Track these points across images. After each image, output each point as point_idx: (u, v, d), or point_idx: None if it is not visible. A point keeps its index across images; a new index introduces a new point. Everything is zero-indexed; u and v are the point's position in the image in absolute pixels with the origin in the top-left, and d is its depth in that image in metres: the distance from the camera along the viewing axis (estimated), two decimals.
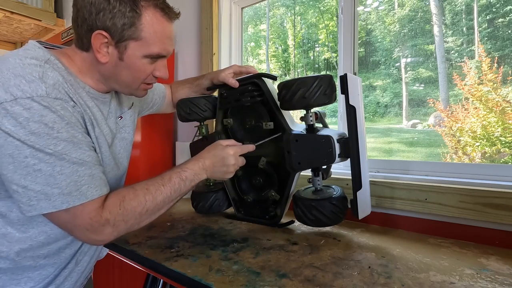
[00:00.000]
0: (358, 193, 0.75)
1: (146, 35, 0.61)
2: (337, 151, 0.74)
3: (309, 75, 0.75)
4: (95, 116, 0.65)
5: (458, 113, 2.67)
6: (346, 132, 0.76)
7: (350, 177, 0.76)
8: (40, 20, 2.05)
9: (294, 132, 0.80)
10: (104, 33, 0.59)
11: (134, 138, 0.84)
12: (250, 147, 0.79)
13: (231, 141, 0.78)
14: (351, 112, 0.74)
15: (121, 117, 0.76)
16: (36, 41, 0.61)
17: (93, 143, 0.62)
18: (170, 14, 0.64)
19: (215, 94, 0.98)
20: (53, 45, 0.66)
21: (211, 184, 1.04)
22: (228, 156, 0.73)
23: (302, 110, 0.79)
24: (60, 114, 0.54)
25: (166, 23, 0.64)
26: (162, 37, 0.63)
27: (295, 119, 0.89)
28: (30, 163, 0.52)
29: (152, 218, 0.65)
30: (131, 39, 0.60)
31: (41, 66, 0.55)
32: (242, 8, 1.46)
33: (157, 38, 0.62)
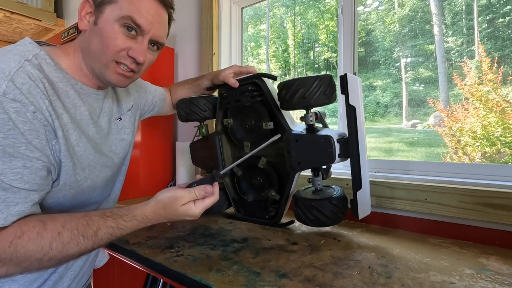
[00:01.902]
0: (358, 193, 0.75)
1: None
2: (337, 151, 0.74)
3: (309, 75, 0.75)
4: (79, 116, 0.62)
5: (458, 113, 2.66)
6: (346, 132, 0.76)
7: (350, 177, 0.76)
8: (40, 20, 2.06)
9: (294, 132, 0.80)
10: (89, 0, 0.60)
11: (134, 139, 0.83)
12: (215, 196, 0.66)
13: (194, 194, 0.63)
14: (351, 112, 0.74)
15: (120, 119, 0.76)
16: (33, 39, 0.60)
17: (52, 156, 0.55)
18: None
19: (215, 94, 0.98)
20: (50, 43, 0.66)
21: None
22: (193, 217, 0.64)
23: (302, 110, 0.79)
24: (8, 118, 0.48)
25: None
26: (139, 5, 0.59)
27: (295, 119, 0.89)
28: None
29: (62, 264, 0.57)
30: (108, 2, 0.59)
31: (19, 62, 0.52)
32: (242, 8, 1.46)
33: (132, 3, 0.59)
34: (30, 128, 0.51)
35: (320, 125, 0.85)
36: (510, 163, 2.26)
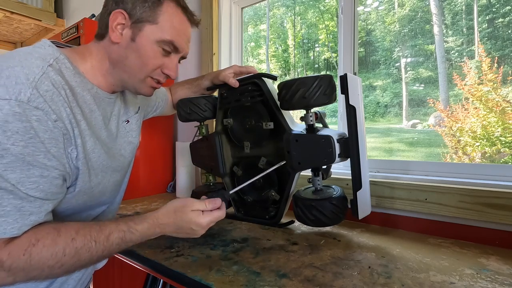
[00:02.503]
0: (358, 193, 0.75)
1: (163, 21, 0.61)
2: (337, 151, 0.74)
3: (309, 75, 0.75)
4: (94, 122, 0.62)
5: (458, 113, 2.66)
6: (346, 132, 0.76)
7: (350, 177, 0.76)
8: (40, 20, 2.06)
9: (294, 132, 0.80)
10: (123, 12, 0.59)
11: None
12: (223, 212, 0.67)
13: (204, 205, 0.64)
14: (351, 112, 0.74)
15: (128, 121, 0.75)
16: (50, 40, 0.59)
17: (67, 164, 0.55)
18: (190, 16, 0.66)
19: (215, 94, 0.98)
20: (67, 44, 0.65)
21: (211, 184, 1.05)
22: (200, 228, 0.64)
23: (302, 110, 0.79)
24: (30, 126, 0.48)
25: (185, 20, 0.65)
26: (179, 29, 0.63)
27: (295, 119, 0.89)
28: None
29: (70, 273, 0.56)
30: (147, 21, 0.60)
31: (43, 68, 0.52)
32: (242, 8, 1.46)
33: (173, 27, 0.62)
34: (50, 137, 0.50)
35: (320, 125, 0.85)
36: (510, 163, 2.26)
